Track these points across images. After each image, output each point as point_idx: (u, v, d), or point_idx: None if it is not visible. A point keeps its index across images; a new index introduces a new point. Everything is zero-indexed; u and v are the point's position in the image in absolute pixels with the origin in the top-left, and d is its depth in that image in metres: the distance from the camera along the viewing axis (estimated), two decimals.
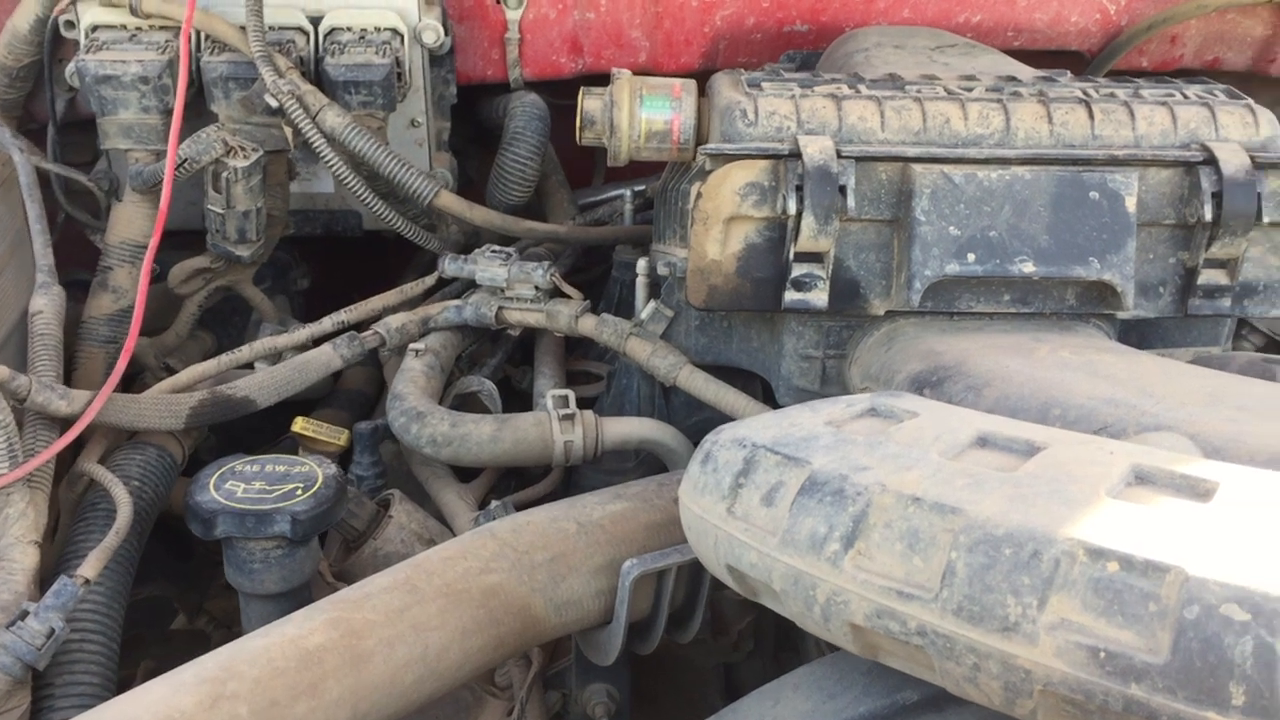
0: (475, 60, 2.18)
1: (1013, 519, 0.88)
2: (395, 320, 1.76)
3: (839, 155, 1.43)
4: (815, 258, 1.46)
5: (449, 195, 1.85)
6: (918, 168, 1.44)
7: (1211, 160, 1.43)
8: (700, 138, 1.60)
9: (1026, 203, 1.44)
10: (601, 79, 1.67)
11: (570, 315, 1.72)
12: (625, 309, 2.06)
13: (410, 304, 1.86)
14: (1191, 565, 0.79)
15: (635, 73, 2.21)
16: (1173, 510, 0.87)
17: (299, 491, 1.37)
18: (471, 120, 2.35)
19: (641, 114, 1.59)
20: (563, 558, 1.25)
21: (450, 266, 1.78)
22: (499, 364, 1.91)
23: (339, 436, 1.74)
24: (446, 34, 2.02)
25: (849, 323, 1.54)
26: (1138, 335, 1.57)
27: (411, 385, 1.65)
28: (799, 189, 1.41)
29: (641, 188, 2.30)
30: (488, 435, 1.57)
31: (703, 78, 2.10)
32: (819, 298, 1.48)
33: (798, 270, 1.46)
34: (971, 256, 1.44)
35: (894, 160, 1.44)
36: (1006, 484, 0.92)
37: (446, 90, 2.14)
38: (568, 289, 1.74)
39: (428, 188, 1.82)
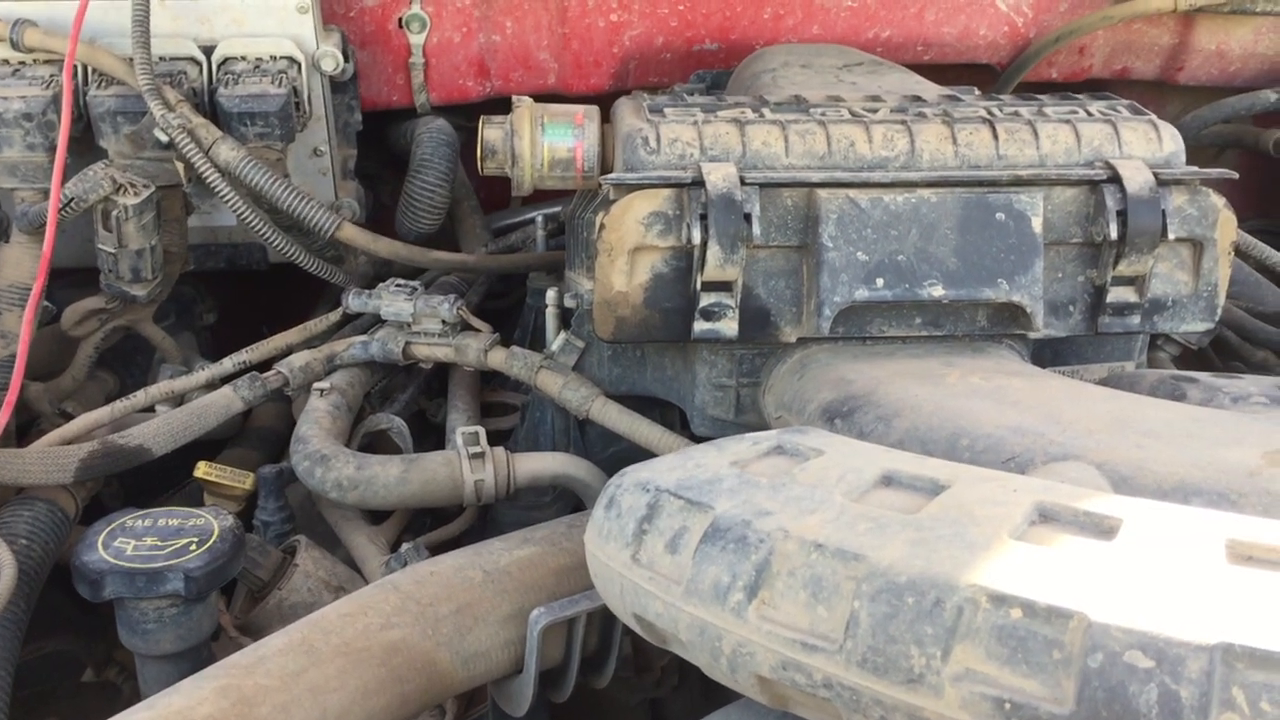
0: (380, 86, 2.14)
1: (915, 565, 0.85)
2: (299, 359, 1.71)
3: (743, 182, 1.40)
4: (723, 286, 1.43)
5: (351, 228, 1.79)
6: (823, 193, 1.41)
7: (1115, 178, 1.43)
8: (605, 165, 1.57)
9: (933, 226, 1.42)
10: (511, 103, 1.64)
11: (479, 349, 1.67)
12: (541, 336, 2.01)
13: (315, 341, 1.81)
14: (1094, 610, 0.77)
15: (545, 95, 2.20)
16: (1076, 551, 0.85)
17: (193, 547, 1.32)
18: (383, 145, 2.30)
19: (544, 142, 1.56)
20: (469, 608, 1.21)
21: (354, 302, 1.73)
22: (411, 398, 1.86)
23: (244, 480, 1.68)
24: (347, 60, 1.98)
25: (762, 350, 1.52)
26: (1051, 353, 1.56)
27: (316, 427, 1.60)
28: (703, 218, 1.39)
29: (556, 209, 2.26)
30: (395, 477, 1.52)
31: (612, 99, 2.07)
32: (729, 327, 1.45)
33: (706, 300, 1.44)
34: (880, 281, 1.42)
35: (798, 186, 1.42)
36: (909, 527, 0.90)
37: (351, 117, 2.09)
38: (476, 322, 1.69)
39: (329, 221, 1.77)
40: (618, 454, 1.68)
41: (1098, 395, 1.26)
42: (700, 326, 1.45)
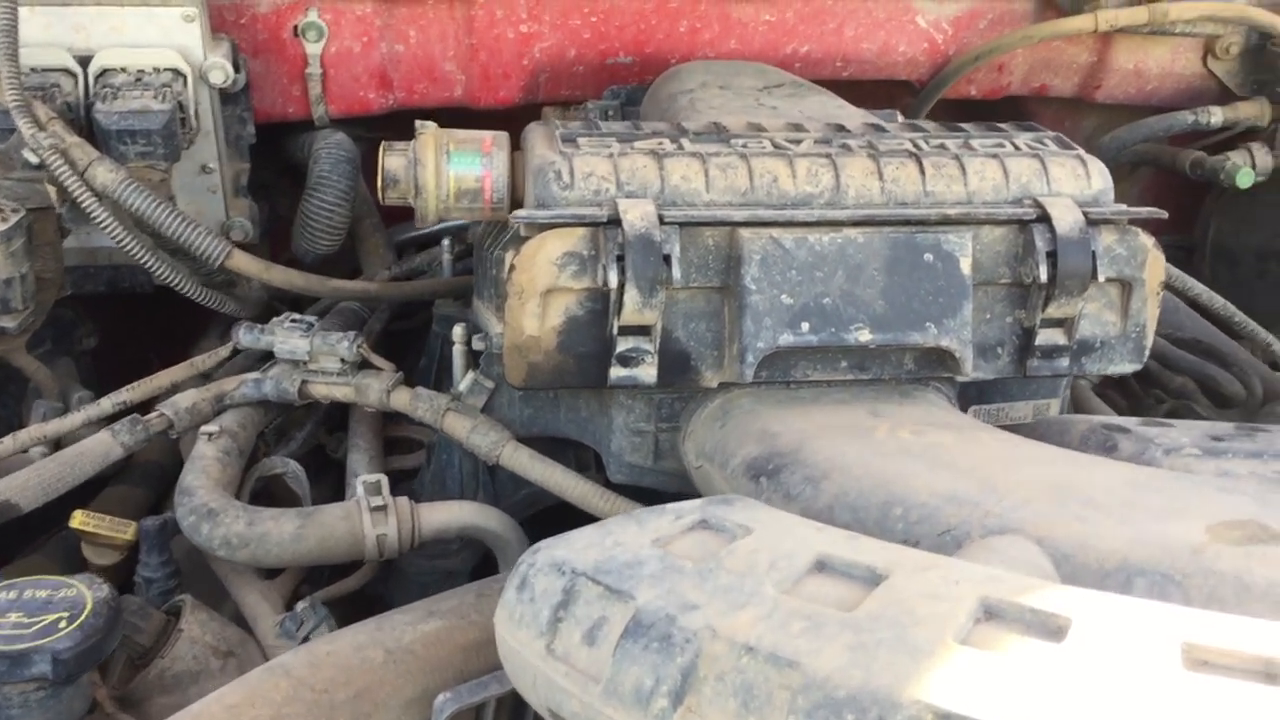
0: (275, 97, 2.01)
1: (855, 677, 0.78)
2: (184, 399, 1.59)
3: (661, 221, 1.32)
4: (641, 330, 1.35)
5: (242, 256, 1.68)
6: (746, 233, 1.34)
7: (1045, 218, 1.38)
8: (514, 195, 1.48)
9: (860, 267, 1.36)
10: (416, 115, 1.54)
11: (381, 390, 1.57)
12: (448, 365, 1.92)
13: (203, 377, 1.69)
14: None
15: (451, 108, 2.10)
16: (1024, 658, 0.79)
17: (63, 623, 1.20)
18: (278, 154, 2.17)
19: (449, 171, 1.46)
20: (368, 693, 1.12)
21: (245, 338, 1.61)
22: (310, 434, 1.75)
23: (125, 530, 1.55)
24: (238, 71, 1.85)
25: (681, 394, 1.44)
26: (977, 391, 1.51)
27: (203, 476, 1.48)
28: (620, 259, 1.30)
29: (462, 223, 2.16)
30: (290, 534, 1.41)
31: (523, 112, 1.99)
32: (647, 373, 1.37)
33: (623, 345, 1.35)
34: (805, 326, 1.35)
35: (720, 225, 1.35)
36: (847, 628, 0.83)
37: (243, 130, 1.97)
38: (378, 361, 1.59)
39: (218, 249, 1.65)
40: (530, 495, 1.60)
41: (1032, 456, 1.21)
42: (617, 373, 1.37)
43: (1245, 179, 2.10)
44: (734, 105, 1.67)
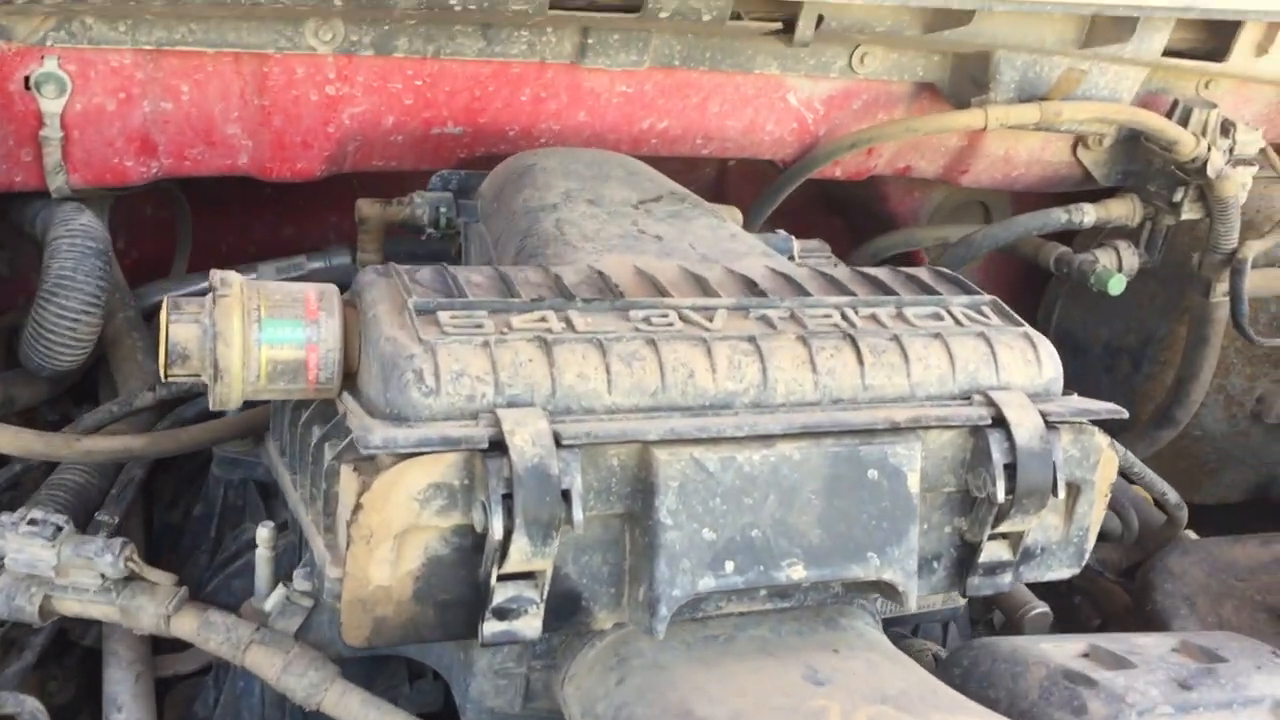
0: None
1: None
2: None
3: (559, 444, 1.02)
4: (527, 576, 1.05)
5: None
6: (662, 453, 1.05)
7: (1001, 422, 1.16)
8: (348, 365, 1.14)
9: (795, 490, 1.10)
10: (186, 183, 1.16)
11: (158, 614, 1.20)
12: (232, 514, 1.55)
13: None
14: None
15: (235, 178, 1.70)
16: None
17: None
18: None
19: (260, 344, 1.10)
20: None
21: None
22: (49, 638, 1.34)
23: None
24: None
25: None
26: None
27: None
28: (506, 498, 0.99)
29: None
30: None
31: (327, 185, 1.65)
32: (529, 626, 1.07)
33: (501, 595, 1.05)
34: (730, 565, 1.08)
35: (630, 443, 1.06)
36: None
37: None
38: (153, 573, 1.21)
39: None
40: None
41: None
42: (492, 628, 1.06)
43: (1117, 286, 1.98)
44: (611, 233, 1.37)
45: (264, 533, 1.21)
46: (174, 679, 1.37)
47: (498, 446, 1.01)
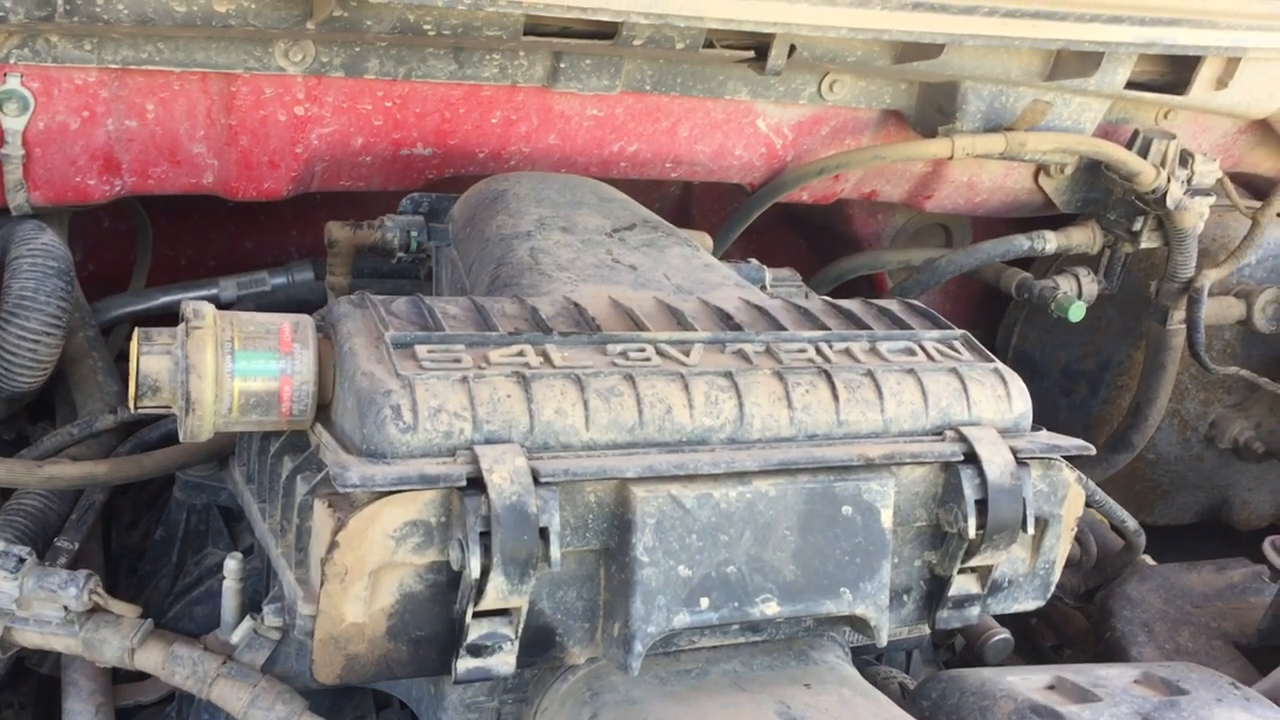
0: None
1: None
2: None
3: (537, 481, 1.01)
4: (503, 613, 1.04)
5: None
6: (639, 490, 1.06)
7: (973, 458, 1.17)
8: (321, 397, 1.13)
9: (770, 526, 1.10)
10: (159, 199, 1.14)
11: (122, 647, 1.18)
12: (194, 540, 1.53)
13: None
14: None
15: (199, 196, 1.68)
16: None
17: None
18: None
19: (234, 376, 1.08)
20: None
21: None
22: (6, 666, 1.31)
23: None
24: None
25: None
26: None
27: None
28: (484, 535, 0.99)
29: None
30: None
31: (293, 205, 1.64)
32: (504, 663, 1.06)
33: (476, 632, 1.04)
34: (705, 602, 1.09)
35: (608, 480, 1.05)
36: None
37: None
38: (117, 605, 1.19)
39: None
40: None
41: None
42: (466, 665, 1.05)
43: (1077, 313, 2.01)
44: (586, 262, 1.37)
45: (232, 565, 1.20)
46: (134, 709, 1.35)
47: (475, 484, 1.00)
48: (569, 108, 1.74)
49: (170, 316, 2.16)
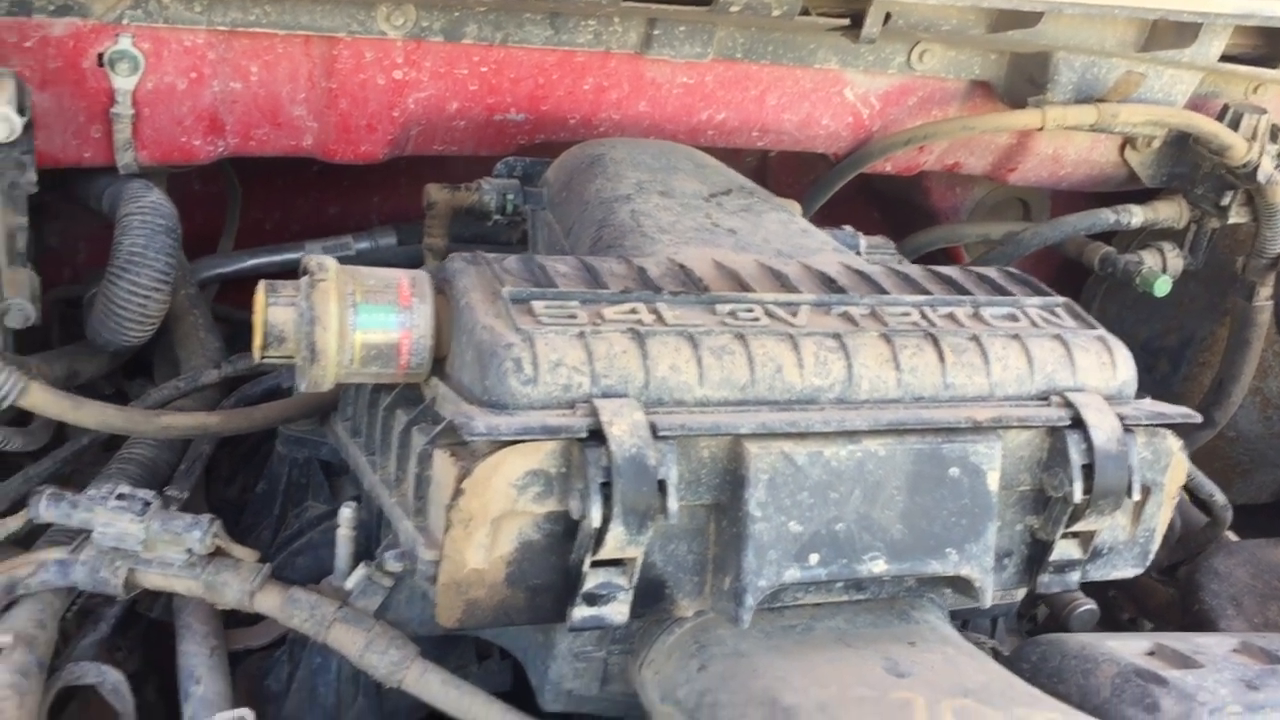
0: (65, 138, 1.56)
1: None
2: None
3: (655, 434, 1.03)
4: (618, 563, 1.07)
5: (42, 392, 1.26)
6: (753, 446, 1.07)
7: (1080, 424, 1.18)
8: (437, 351, 1.15)
9: (880, 485, 1.12)
10: (247, 163, 1.16)
11: (243, 590, 1.21)
12: (295, 492, 1.57)
13: None
14: None
15: (298, 158, 1.71)
16: None
17: None
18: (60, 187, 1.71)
19: (356, 329, 1.11)
20: None
21: (49, 511, 1.20)
22: (123, 611, 1.35)
23: None
24: (23, 114, 1.40)
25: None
26: None
27: None
28: (605, 486, 1.01)
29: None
30: None
31: (375, 172, 1.66)
32: (618, 612, 1.09)
33: (593, 581, 1.06)
34: (815, 558, 1.10)
35: (723, 436, 1.07)
36: None
37: (20, 178, 1.50)
38: (237, 549, 1.23)
39: (8, 385, 1.23)
40: (434, 715, 1.29)
41: None
42: (581, 613, 1.08)
43: (1163, 288, 2.00)
44: (686, 225, 1.38)
45: (347, 513, 1.23)
46: (243, 653, 1.39)
47: (595, 436, 1.02)
48: (660, 75, 1.75)
49: (257, 279, 2.21)
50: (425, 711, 1.30)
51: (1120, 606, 1.92)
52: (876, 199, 2.49)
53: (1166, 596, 1.84)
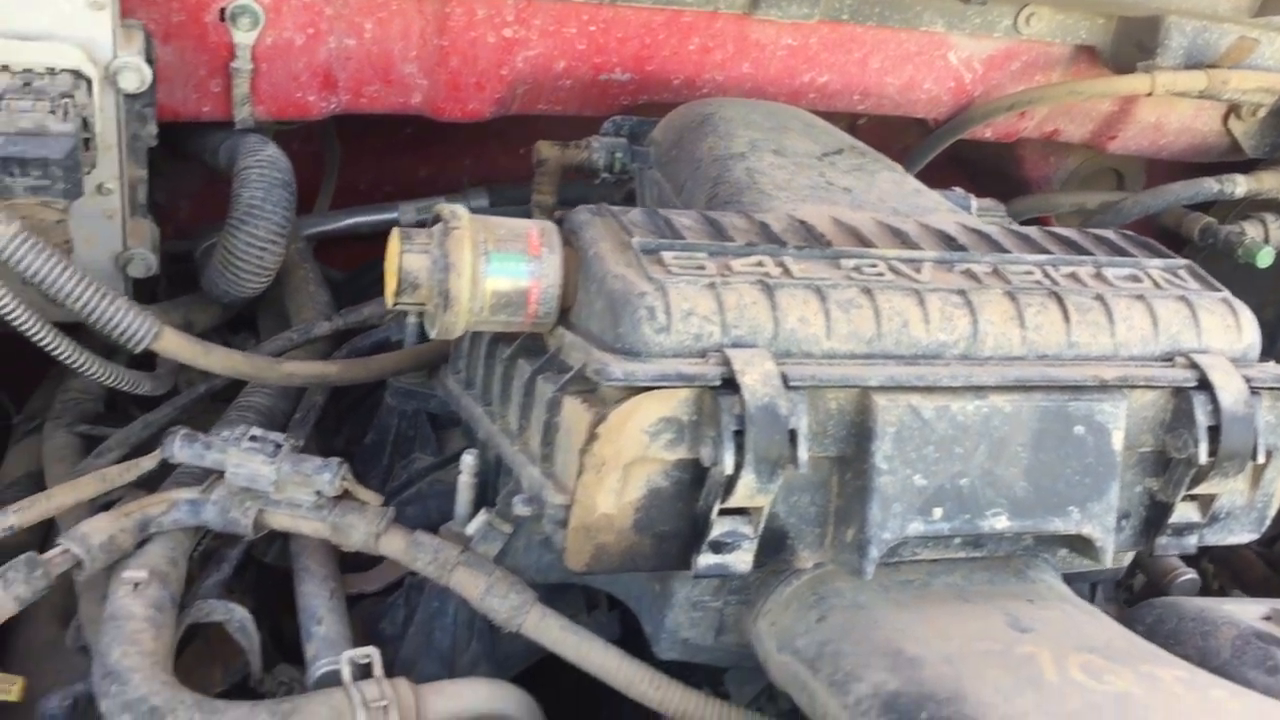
0: (186, 92, 1.60)
1: None
2: (97, 530, 1.21)
3: (786, 385, 1.04)
4: (743, 512, 1.08)
5: (174, 337, 1.30)
6: (881, 399, 1.08)
7: (1205, 385, 1.17)
8: (563, 301, 1.17)
9: (1004, 441, 1.12)
10: (357, 120, 1.18)
11: (368, 533, 1.24)
12: (402, 444, 1.60)
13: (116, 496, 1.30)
14: None
15: (407, 116, 1.73)
16: None
17: None
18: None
19: (487, 277, 1.13)
20: None
21: (183, 452, 1.24)
22: (245, 552, 1.39)
23: (9, 687, 1.19)
24: (150, 65, 1.43)
25: None
26: None
27: (132, 652, 1.12)
28: (738, 434, 1.02)
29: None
30: None
31: (466, 134, 1.67)
32: (742, 560, 1.10)
33: (719, 528, 1.07)
34: (938, 512, 1.11)
35: (849, 388, 1.08)
36: None
37: (142, 130, 1.54)
38: (364, 493, 1.25)
39: (143, 330, 1.26)
40: (550, 658, 1.31)
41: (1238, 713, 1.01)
42: (707, 560, 1.09)
43: (1266, 259, 1.97)
44: (801, 184, 1.38)
45: (469, 460, 1.25)
46: (357, 597, 1.42)
47: (728, 384, 1.03)
48: (764, 36, 1.75)
49: (352, 239, 2.24)
50: (537, 658, 1.33)
51: (1214, 577, 1.90)
52: (965, 167, 2.46)
53: (1264, 571, 1.83)
